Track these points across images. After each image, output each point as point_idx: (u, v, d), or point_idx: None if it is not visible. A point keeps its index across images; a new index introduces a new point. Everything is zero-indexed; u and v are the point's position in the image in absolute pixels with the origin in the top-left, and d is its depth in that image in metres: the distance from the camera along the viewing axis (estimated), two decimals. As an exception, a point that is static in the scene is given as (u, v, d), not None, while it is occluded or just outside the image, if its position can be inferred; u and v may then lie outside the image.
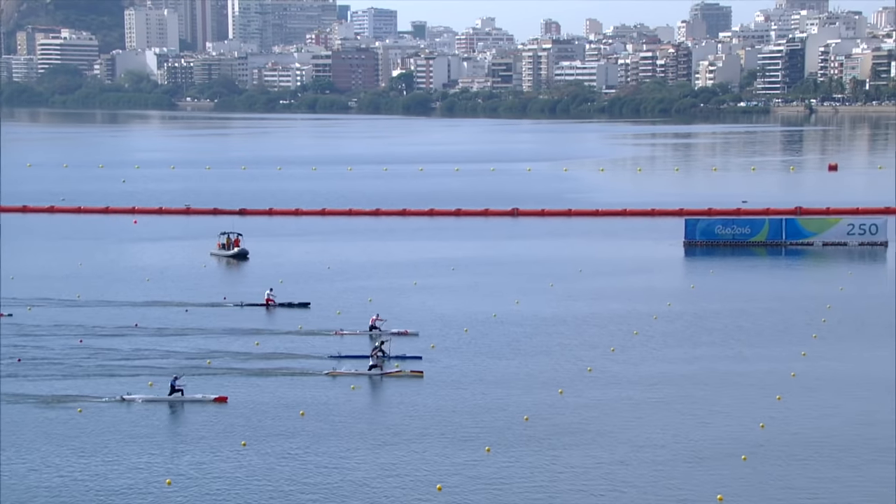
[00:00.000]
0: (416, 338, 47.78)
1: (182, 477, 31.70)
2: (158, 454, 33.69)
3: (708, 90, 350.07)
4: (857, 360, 43.82)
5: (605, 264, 68.49)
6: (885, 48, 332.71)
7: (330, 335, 48.58)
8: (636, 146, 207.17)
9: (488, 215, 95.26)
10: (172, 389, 38.87)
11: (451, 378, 42.02)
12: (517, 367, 43.39)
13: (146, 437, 35.26)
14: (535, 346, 47.00)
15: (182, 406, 38.30)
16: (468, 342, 47.77)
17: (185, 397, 38.61)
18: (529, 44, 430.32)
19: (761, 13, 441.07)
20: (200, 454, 33.62)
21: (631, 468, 32.15)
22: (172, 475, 31.72)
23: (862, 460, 32.45)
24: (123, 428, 36.16)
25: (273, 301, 55.47)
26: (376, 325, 49.01)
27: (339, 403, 38.86)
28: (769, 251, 72.31)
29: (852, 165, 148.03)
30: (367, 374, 42.14)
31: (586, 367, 43.18)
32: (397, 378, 41.66)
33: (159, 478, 31.61)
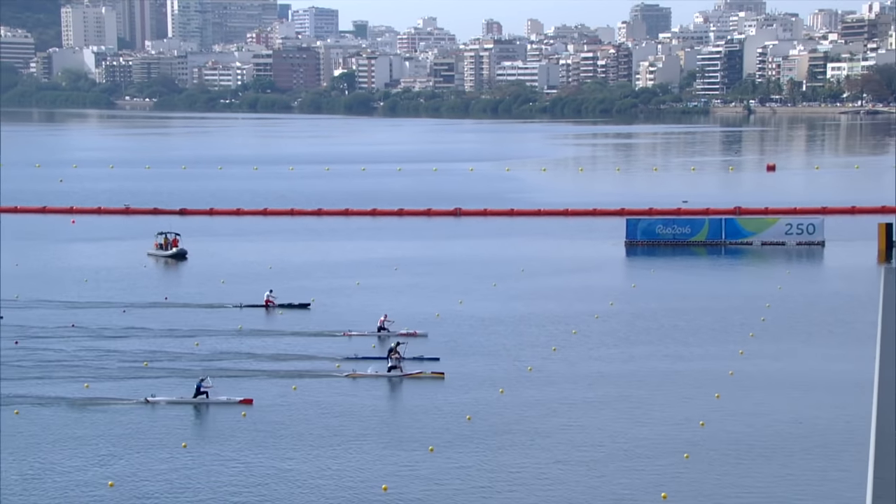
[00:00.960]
0: (425, 339, 47.54)
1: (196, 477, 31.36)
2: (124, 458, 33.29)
3: (648, 91, 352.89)
4: (793, 358, 44.35)
5: (548, 264, 68.78)
6: (821, 50, 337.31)
7: (338, 336, 48.37)
8: (578, 146, 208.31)
9: (431, 215, 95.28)
10: (198, 391, 38.47)
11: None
12: (459, 367, 43.43)
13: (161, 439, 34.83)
14: (477, 345, 47.08)
15: (207, 408, 37.97)
16: (410, 342, 47.72)
17: (210, 399, 38.22)
18: (471, 44, 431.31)
19: (700, 14, 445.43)
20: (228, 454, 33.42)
21: (574, 467, 32.30)
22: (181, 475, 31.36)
23: (798, 457, 32.86)
24: (62, 432, 35.71)
25: (273, 302, 55.09)
26: (384, 325, 48.80)
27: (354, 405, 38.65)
28: (709, 251, 73.01)
29: (790, 166, 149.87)
30: (387, 375, 41.87)
31: (527, 366, 43.32)
32: (418, 380, 41.37)
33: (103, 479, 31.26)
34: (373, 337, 48.17)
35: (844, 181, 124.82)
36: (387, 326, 48.67)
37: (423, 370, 42.16)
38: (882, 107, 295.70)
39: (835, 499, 29.60)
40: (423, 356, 43.64)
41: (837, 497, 29.72)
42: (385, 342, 46.81)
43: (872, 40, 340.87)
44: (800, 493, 30.17)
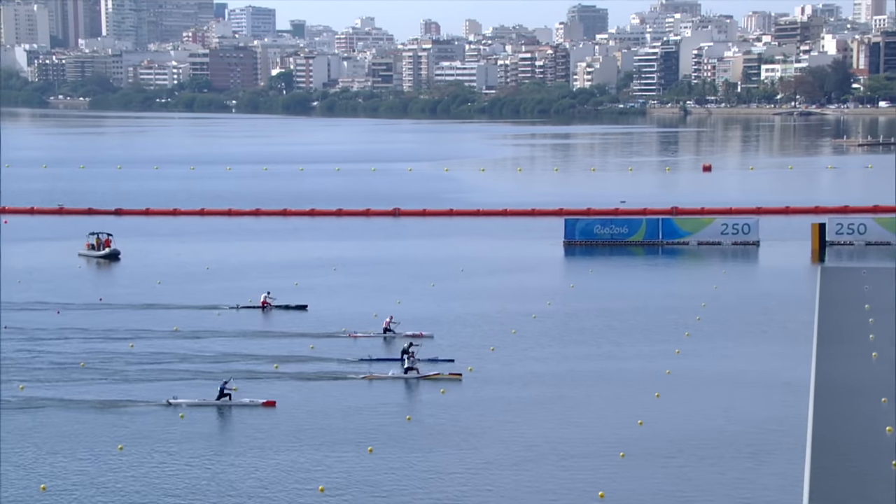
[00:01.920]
0: (431, 340, 47.16)
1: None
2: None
3: (586, 91, 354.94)
4: (730, 357, 44.67)
5: (486, 264, 68.82)
6: (755, 51, 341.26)
7: (343, 337, 48.00)
8: (516, 146, 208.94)
9: (370, 215, 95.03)
10: (221, 394, 38.02)
11: (335, 378, 41.69)
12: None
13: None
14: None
15: (230, 410, 37.52)
16: (349, 343, 47.50)
17: (233, 401, 37.77)
18: (409, 44, 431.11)
19: (637, 16, 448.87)
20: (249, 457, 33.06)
21: (510, 467, 32.28)
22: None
23: (736, 456, 33.07)
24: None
25: (269, 303, 54.52)
26: (390, 327, 48.41)
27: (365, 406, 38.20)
28: (646, 251, 73.46)
29: (725, 166, 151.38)
30: (404, 377, 41.48)
31: (467, 366, 43.26)
32: (435, 381, 41.00)
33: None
34: (378, 338, 47.86)
35: (778, 181, 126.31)
36: (392, 328, 48.36)
37: (441, 372, 41.79)
38: (815, 108, 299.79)
39: (772, 498, 29.82)
40: (437, 357, 43.17)
41: (774, 496, 29.94)
42: (391, 343, 46.67)
43: (805, 42, 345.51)
44: (737, 492, 30.37)
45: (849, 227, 73.15)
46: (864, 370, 40.61)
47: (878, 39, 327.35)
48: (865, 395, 37.37)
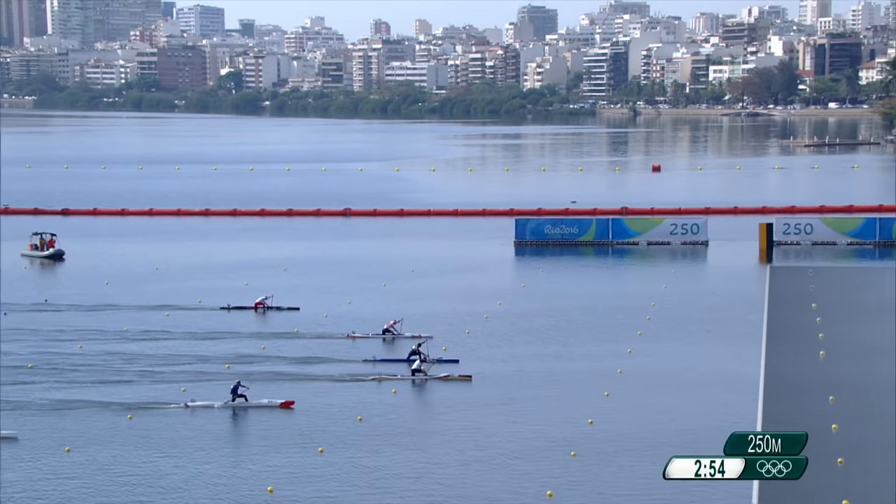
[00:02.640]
0: (431, 340, 46.79)
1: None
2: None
3: (536, 92, 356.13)
4: (681, 356, 44.93)
5: (437, 264, 68.81)
6: (703, 53, 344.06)
7: (342, 338, 47.76)
8: (467, 147, 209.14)
9: (320, 215, 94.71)
10: (235, 395, 37.76)
11: (287, 379, 41.55)
12: (351, 367, 43.14)
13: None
14: (367, 345, 46.81)
15: (246, 412, 37.30)
16: (300, 343, 47.30)
17: (249, 403, 37.54)
18: (360, 44, 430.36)
19: (586, 17, 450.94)
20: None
21: (460, 468, 32.25)
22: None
23: (683, 453, 33.17)
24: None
25: (263, 304, 54.18)
26: (392, 329, 48.22)
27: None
28: (597, 250, 73.77)
29: (674, 167, 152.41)
30: (412, 378, 41.34)
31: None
32: (445, 382, 40.83)
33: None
34: (377, 339, 47.71)
35: (727, 182, 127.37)
36: (393, 329, 48.19)
37: (450, 374, 41.55)
38: (762, 109, 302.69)
39: (723, 496, 29.99)
40: (441, 358, 42.91)
41: (725, 494, 30.11)
42: (392, 345, 46.53)
43: (752, 44, 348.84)
44: (687, 492, 30.51)
45: (796, 227, 73.86)
46: (811, 369, 41.00)
47: (824, 41, 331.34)
48: (813, 394, 37.71)
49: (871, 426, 34.23)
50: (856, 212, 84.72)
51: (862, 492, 28.99)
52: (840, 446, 32.20)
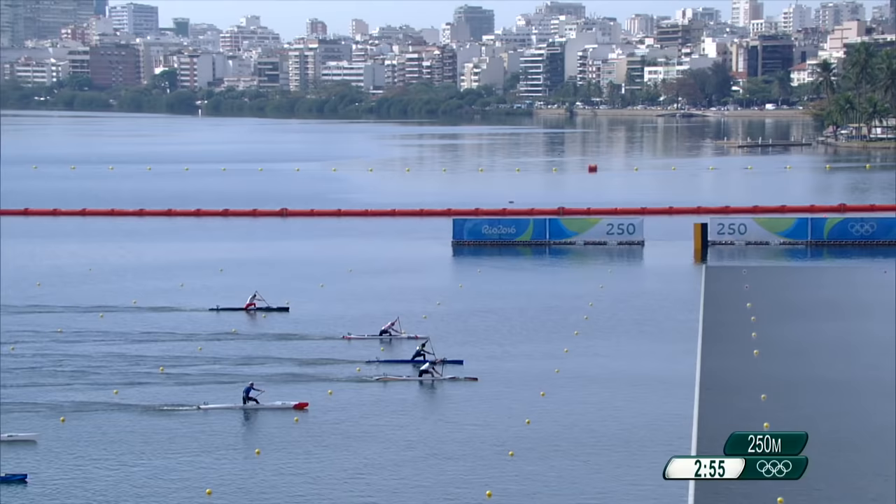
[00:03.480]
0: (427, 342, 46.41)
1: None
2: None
3: (473, 92, 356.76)
4: (617, 356, 45.23)
5: (375, 264, 68.71)
6: (638, 54, 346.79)
7: (338, 339, 47.50)
8: (404, 147, 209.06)
9: (257, 215, 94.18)
10: (247, 397, 37.45)
11: (225, 380, 41.25)
12: (287, 367, 42.94)
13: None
14: (304, 346, 46.63)
15: (256, 413, 37.02)
16: (236, 344, 46.98)
17: (261, 405, 37.27)
18: (296, 43, 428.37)
19: (522, 17, 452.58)
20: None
21: (399, 467, 32.23)
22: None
23: (624, 454, 33.48)
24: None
25: (254, 305, 53.74)
26: (390, 330, 47.99)
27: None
28: (534, 250, 74.07)
29: (610, 167, 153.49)
30: (419, 379, 41.16)
31: (356, 367, 43.12)
32: (452, 383, 40.64)
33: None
34: (374, 340, 47.52)
35: (662, 182, 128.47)
36: (392, 331, 48.03)
37: (457, 375, 41.33)
38: (696, 110, 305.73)
39: (659, 495, 30.23)
40: (445, 359, 42.51)
41: (661, 492, 30.36)
42: (390, 346, 46.37)
43: (686, 45, 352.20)
44: (624, 490, 30.73)
45: (730, 227, 74.68)
46: (745, 367, 41.48)
47: (756, 43, 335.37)
48: (746, 393, 38.16)
49: (802, 424, 34.68)
50: (788, 212, 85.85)
51: (796, 490, 29.35)
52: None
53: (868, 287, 58.14)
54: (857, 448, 32.46)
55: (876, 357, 42.89)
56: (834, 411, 35.92)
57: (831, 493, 29.21)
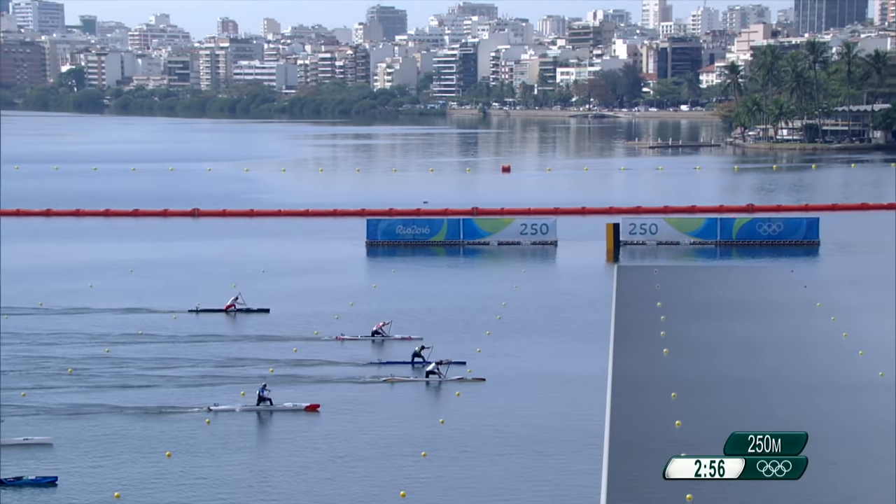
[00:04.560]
0: (420, 341, 46.02)
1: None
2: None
3: (386, 92, 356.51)
4: (530, 355, 45.46)
5: (289, 264, 68.31)
6: (550, 55, 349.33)
7: (331, 341, 47.08)
8: (317, 147, 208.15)
9: (168, 216, 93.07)
10: (260, 399, 36.99)
11: (136, 382, 40.67)
12: (199, 370, 42.50)
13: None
14: (217, 347, 46.19)
15: (271, 415, 36.69)
16: (146, 346, 46.37)
17: (274, 406, 36.92)
18: (206, 42, 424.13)
19: (435, 17, 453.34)
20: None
21: (313, 469, 32.06)
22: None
23: (535, 453, 33.67)
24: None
25: (234, 306, 53.03)
26: (381, 330, 47.56)
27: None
28: (448, 251, 74.20)
29: (524, 167, 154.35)
30: (426, 380, 40.86)
31: (268, 367, 42.79)
32: (459, 384, 40.36)
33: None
34: (366, 341, 47.15)
35: (575, 182, 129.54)
36: (383, 331, 47.63)
37: (464, 376, 41.07)
38: (608, 111, 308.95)
39: (570, 493, 30.46)
40: (450, 360, 42.15)
41: (573, 491, 30.60)
42: (381, 347, 46.03)
43: (597, 46, 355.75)
44: (536, 490, 30.90)
45: (641, 227, 75.53)
46: (656, 366, 41.97)
47: (666, 45, 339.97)
48: (657, 391, 38.63)
49: (711, 422, 35.22)
50: (698, 212, 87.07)
51: (705, 485, 29.75)
52: (683, 442, 33.02)
53: (775, 287, 59.21)
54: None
55: (781, 356, 43.69)
56: (740, 410, 36.51)
57: (718, 484, 29.63)
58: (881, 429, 33.25)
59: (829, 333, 47.19)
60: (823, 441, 32.91)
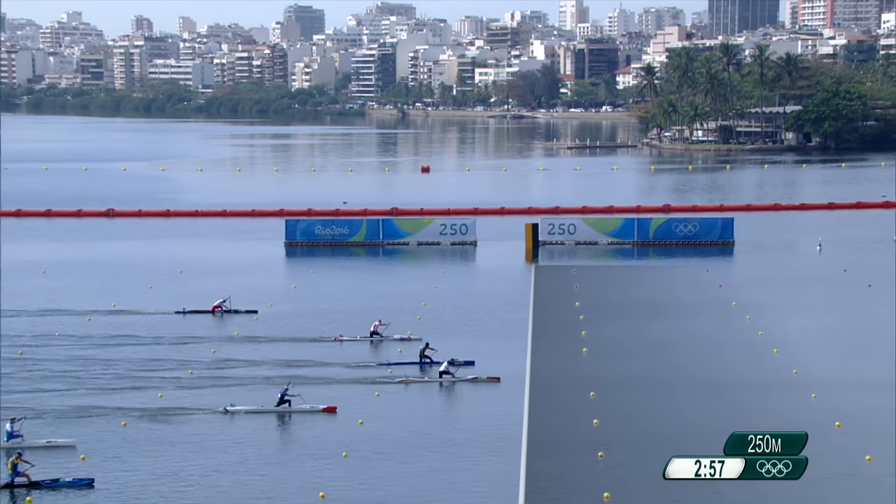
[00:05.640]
0: (419, 342, 45.50)
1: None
2: None
3: (305, 92, 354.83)
4: (448, 354, 45.23)
5: (207, 265, 67.68)
6: (469, 55, 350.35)
7: (329, 342, 46.62)
8: (235, 147, 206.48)
9: (82, 216, 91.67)
10: (281, 400, 36.54)
11: (48, 384, 39.99)
12: (118, 370, 41.93)
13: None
14: (134, 349, 45.59)
15: (290, 417, 36.36)
16: (64, 347, 45.60)
17: (292, 408, 36.51)
18: (121, 40, 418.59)
19: (353, 17, 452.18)
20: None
21: (229, 472, 31.78)
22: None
23: (455, 453, 33.71)
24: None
25: (220, 308, 52.26)
26: (378, 330, 47.06)
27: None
28: (368, 251, 74.05)
29: (443, 167, 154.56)
30: (439, 380, 40.53)
31: (187, 369, 42.35)
32: (473, 384, 40.15)
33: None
34: (365, 342, 46.72)
35: (494, 183, 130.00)
36: (381, 332, 47.17)
37: (479, 375, 40.76)
38: (526, 112, 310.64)
39: (489, 493, 30.54)
40: (460, 361, 41.83)
41: (492, 491, 30.68)
42: (379, 347, 45.74)
43: (515, 47, 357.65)
44: (455, 489, 30.94)
45: (560, 228, 76.04)
46: (575, 365, 42.25)
47: (583, 46, 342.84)
48: (576, 390, 38.91)
49: (630, 421, 35.57)
50: (616, 212, 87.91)
51: (622, 485, 30.06)
52: (601, 441, 33.32)
53: (691, 286, 59.99)
54: (678, 442, 33.42)
55: (698, 355, 44.24)
56: (658, 409, 36.92)
57: (629, 481, 29.97)
58: (794, 426, 33.73)
59: (744, 332, 47.89)
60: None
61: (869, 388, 39.22)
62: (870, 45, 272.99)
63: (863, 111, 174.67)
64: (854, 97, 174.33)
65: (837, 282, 60.60)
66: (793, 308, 53.47)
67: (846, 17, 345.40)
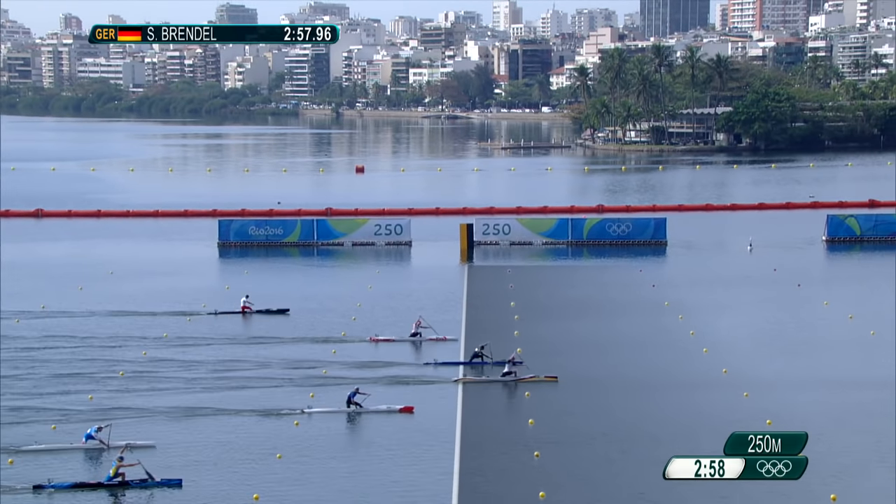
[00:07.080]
0: (455, 342, 45.28)
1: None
2: None
3: (238, 91, 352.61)
4: (383, 355, 45.41)
5: (138, 266, 66.97)
6: (403, 56, 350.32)
7: (365, 342, 46.49)
8: (167, 146, 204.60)
9: (9, 216, 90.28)
10: (349, 401, 36.65)
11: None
12: (51, 371, 41.39)
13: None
14: (67, 352, 45.00)
15: (359, 417, 36.45)
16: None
17: (363, 409, 36.65)
18: (49, 38, 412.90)
19: (286, 17, 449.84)
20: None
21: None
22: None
23: (390, 452, 33.72)
24: None
25: (250, 308, 51.88)
26: (419, 330, 46.78)
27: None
28: (302, 251, 73.71)
29: (377, 168, 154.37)
30: (501, 380, 40.05)
31: (118, 370, 41.90)
32: (533, 384, 39.61)
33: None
34: (403, 343, 46.55)
35: (429, 183, 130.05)
36: (421, 332, 46.89)
37: (536, 374, 40.38)
38: (461, 112, 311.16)
39: (424, 494, 30.55)
40: (514, 360, 41.24)
41: (426, 490, 30.70)
42: (419, 349, 45.54)
43: (449, 48, 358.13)
44: (389, 489, 30.92)
45: (494, 228, 76.25)
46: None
47: (517, 47, 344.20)
48: (511, 390, 39.04)
49: (563, 419, 35.78)
50: (550, 213, 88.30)
51: (557, 483, 30.23)
52: (536, 440, 33.49)
53: (624, 286, 60.43)
54: (612, 440, 33.70)
55: (631, 354, 44.61)
56: (590, 408, 37.17)
57: (561, 480, 30.18)
58: (717, 425, 33.97)
59: (676, 332, 48.37)
60: (667, 438, 33.75)
61: (798, 387, 39.81)
62: (798, 48, 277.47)
63: (791, 113, 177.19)
64: (783, 99, 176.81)
65: (767, 281, 61.38)
66: (723, 308, 54.10)
67: (775, 19, 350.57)
